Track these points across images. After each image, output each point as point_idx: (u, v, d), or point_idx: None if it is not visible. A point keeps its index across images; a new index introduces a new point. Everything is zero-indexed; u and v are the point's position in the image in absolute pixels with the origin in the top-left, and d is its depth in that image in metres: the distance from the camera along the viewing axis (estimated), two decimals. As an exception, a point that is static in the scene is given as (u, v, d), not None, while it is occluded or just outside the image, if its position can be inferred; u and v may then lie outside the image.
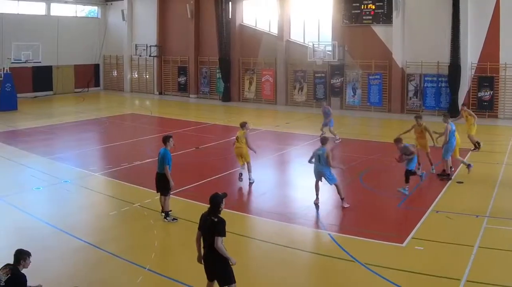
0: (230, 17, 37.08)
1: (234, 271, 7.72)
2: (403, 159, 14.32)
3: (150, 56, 41.78)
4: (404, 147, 14.25)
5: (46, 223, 12.16)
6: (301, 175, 13.76)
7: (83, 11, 45.80)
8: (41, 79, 40.60)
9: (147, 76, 43.62)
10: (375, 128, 26.53)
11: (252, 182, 15.60)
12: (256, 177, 15.81)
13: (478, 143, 19.73)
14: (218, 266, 7.63)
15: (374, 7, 31.04)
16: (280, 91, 35.23)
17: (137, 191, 14.72)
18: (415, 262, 9.81)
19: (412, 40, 29.71)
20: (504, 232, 11.38)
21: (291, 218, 12.69)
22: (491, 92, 27.68)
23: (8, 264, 7.50)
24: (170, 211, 12.39)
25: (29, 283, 7.52)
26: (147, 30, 42.18)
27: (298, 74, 34.54)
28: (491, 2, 27.24)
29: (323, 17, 33.51)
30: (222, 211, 7.74)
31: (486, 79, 27.71)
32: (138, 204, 13.43)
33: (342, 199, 13.32)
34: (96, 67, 45.98)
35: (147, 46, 41.24)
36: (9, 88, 32.43)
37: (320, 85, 33.48)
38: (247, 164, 15.71)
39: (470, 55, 27.94)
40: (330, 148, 13.63)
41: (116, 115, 31.11)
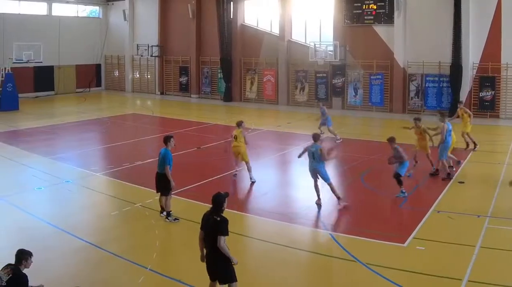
0: (231, 17, 37.09)
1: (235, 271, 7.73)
2: (393, 161, 14.32)
3: (152, 56, 41.78)
4: (396, 149, 14.09)
5: (47, 223, 12.17)
6: (302, 175, 13.74)
7: (84, 11, 45.82)
8: (42, 79, 40.61)
9: (148, 76, 43.63)
10: (376, 128, 26.51)
11: (254, 181, 15.61)
12: (258, 177, 15.80)
13: (474, 143, 19.79)
14: (220, 265, 7.64)
15: (375, 7, 31.04)
16: (282, 91, 35.22)
17: (138, 191, 14.72)
18: (416, 262, 9.80)
19: (413, 40, 29.69)
20: (506, 232, 11.37)
21: (292, 218, 12.69)
22: (493, 92, 27.66)
23: (9, 264, 7.50)
24: (170, 211, 12.39)
25: (30, 283, 7.52)
26: (148, 30, 42.20)
27: (299, 74, 34.53)
28: (493, 2, 27.21)
29: (325, 17, 33.50)
30: (224, 211, 7.76)
31: (488, 79, 27.70)
32: (139, 204, 13.44)
33: (338, 198, 13.29)
34: (97, 67, 46.00)
35: (148, 46, 41.23)
36: (10, 88, 32.44)
37: (321, 85, 33.48)
38: (246, 164, 15.74)
39: (472, 55, 27.93)
40: (326, 146, 13.63)
41: (117, 115, 31.13)
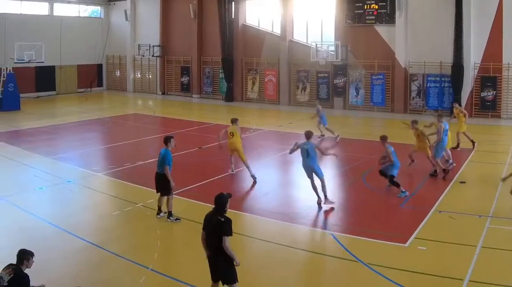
0: (233, 17, 37.07)
1: (237, 271, 7.74)
2: (381, 161, 14.33)
3: (153, 56, 41.78)
4: (386, 148, 14.16)
5: (49, 223, 12.18)
6: (303, 175, 13.72)
7: (86, 11, 45.84)
8: (44, 79, 40.63)
9: (150, 76, 43.65)
10: (378, 128, 26.43)
11: (255, 178, 15.70)
12: (259, 176, 15.82)
13: (472, 141, 19.87)
14: (223, 266, 7.64)
15: (377, 7, 31.01)
16: (283, 91, 35.22)
17: (140, 191, 14.72)
18: (418, 262, 9.80)
19: (415, 40, 29.67)
20: (507, 232, 11.36)
21: (294, 218, 12.69)
22: (494, 92, 27.63)
23: (11, 264, 7.50)
24: (166, 212, 12.42)
25: (32, 283, 7.52)
26: (150, 30, 42.20)
27: (301, 74, 34.51)
28: (494, 2, 27.16)
29: (326, 17, 33.49)
30: (227, 211, 7.76)
31: (489, 79, 27.67)
32: (141, 204, 13.45)
33: (325, 197, 13.30)
34: (99, 67, 46.02)
35: (150, 46, 41.24)
36: (12, 88, 32.46)
37: (323, 85, 33.46)
38: (243, 162, 16.00)
39: (473, 55, 27.89)
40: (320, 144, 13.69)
41: (119, 115, 31.14)
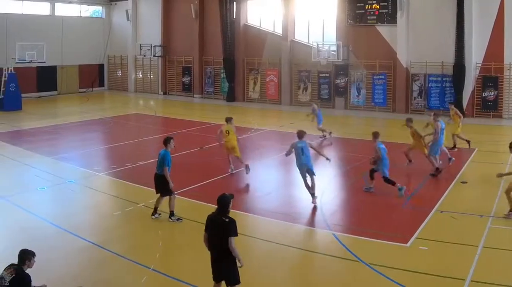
0: (234, 17, 37.07)
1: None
2: (371, 161, 14.35)
3: (155, 56, 41.78)
4: (375, 145, 14.19)
5: (50, 223, 12.19)
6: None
7: (87, 11, 45.85)
8: (45, 79, 40.61)
9: (151, 76, 43.65)
10: (379, 128, 26.11)
11: (249, 171, 16.14)
12: (261, 176, 15.90)
13: (467, 141, 19.95)
14: (227, 266, 7.63)
15: (378, 7, 30.97)
16: (285, 91, 35.20)
17: (141, 191, 14.71)
18: (419, 262, 9.79)
19: (416, 40, 29.64)
20: (509, 232, 11.36)
21: (295, 218, 12.69)
22: (496, 92, 27.61)
23: (12, 264, 7.50)
24: (159, 214, 12.46)
25: (33, 283, 7.52)
26: (151, 30, 42.18)
27: (302, 74, 34.50)
28: (496, 2, 27.13)
29: (328, 17, 33.47)
30: (229, 212, 7.76)
31: (491, 79, 27.64)
32: (142, 204, 13.44)
33: (313, 195, 13.36)
34: (100, 67, 46.01)
35: (151, 46, 41.24)
36: (13, 88, 32.45)
37: (324, 85, 33.45)
38: (238, 158, 16.35)
39: (475, 55, 27.86)
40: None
41: (120, 115, 31.14)
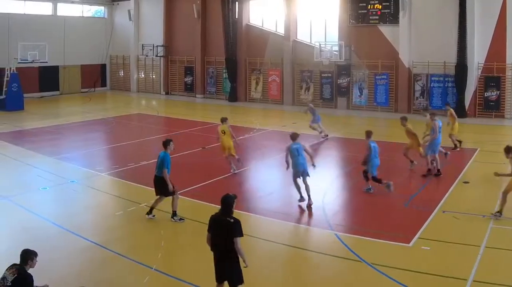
0: (236, 17, 37.05)
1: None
2: (362, 162, 14.35)
3: (157, 56, 41.80)
4: (367, 144, 14.21)
5: (52, 223, 12.20)
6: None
7: (89, 11, 45.92)
8: (47, 79, 40.66)
9: (153, 76, 43.67)
10: (381, 128, 26.36)
11: (236, 172, 16.60)
12: (263, 176, 15.92)
13: (459, 141, 19.99)
14: (231, 267, 7.63)
15: (380, 7, 30.95)
16: (287, 91, 35.18)
17: (143, 191, 14.70)
18: (421, 262, 9.79)
19: (418, 40, 29.61)
20: (511, 232, 11.33)
21: (297, 218, 12.70)
22: (498, 92, 27.55)
23: (14, 264, 7.51)
24: (153, 215, 12.47)
25: (35, 283, 7.52)
26: (153, 30, 42.21)
27: (304, 74, 34.48)
28: (498, 2, 27.09)
29: (330, 17, 33.44)
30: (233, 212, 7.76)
31: (493, 79, 27.60)
32: (144, 204, 13.42)
33: (301, 197, 13.41)
34: (102, 67, 46.06)
35: (153, 46, 41.26)
36: (15, 88, 32.50)
37: (326, 85, 33.43)
38: (233, 157, 16.68)
39: (477, 55, 27.82)
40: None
41: (122, 115, 31.17)
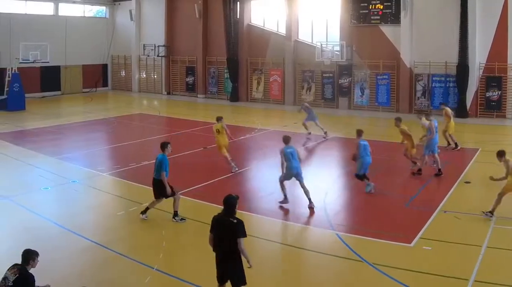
0: (238, 17, 37.08)
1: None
2: (355, 157, 14.40)
3: (158, 56, 41.84)
4: (357, 142, 14.28)
5: (54, 223, 12.22)
6: (307, 175, 13.75)
7: (91, 11, 45.97)
8: (49, 79, 40.72)
9: (155, 76, 43.70)
10: (383, 128, 26.36)
11: (236, 171, 16.80)
12: (264, 176, 15.92)
13: (455, 143, 20.03)
14: (234, 267, 7.63)
15: (382, 7, 30.96)
16: (288, 91, 35.18)
17: (145, 191, 14.69)
18: (423, 262, 9.79)
19: (420, 40, 29.60)
20: (513, 233, 11.34)
21: (298, 218, 12.71)
22: (499, 92, 27.54)
23: (16, 264, 7.52)
24: (146, 216, 12.48)
25: (37, 283, 7.54)
26: (155, 30, 42.25)
27: (306, 74, 34.49)
28: (499, 2, 27.06)
29: (331, 17, 33.45)
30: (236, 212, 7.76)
31: (494, 79, 27.58)
32: (146, 204, 13.44)
33: (285, 197, 13.53)
34: (104, 67, 46.11)
35: (155, 46, 41.29)
36: (17, 88, 32.54)
37: (328, 85, 33.44)
38: (225, 157, 16.89)
39: (478, 55, 27.80)
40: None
41: (124, 115, 31.20)
